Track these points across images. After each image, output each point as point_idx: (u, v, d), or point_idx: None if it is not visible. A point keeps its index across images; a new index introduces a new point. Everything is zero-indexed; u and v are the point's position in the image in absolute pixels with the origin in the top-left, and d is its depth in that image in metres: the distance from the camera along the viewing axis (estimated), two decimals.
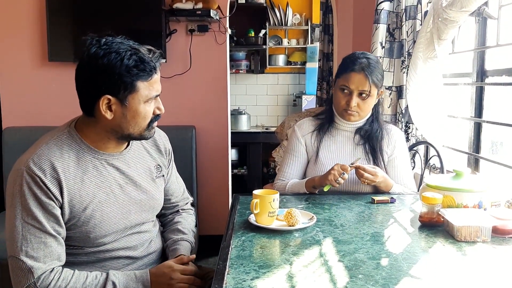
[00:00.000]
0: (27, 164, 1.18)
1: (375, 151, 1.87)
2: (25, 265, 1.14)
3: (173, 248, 1.43)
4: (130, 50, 1.19)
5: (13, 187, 1.18)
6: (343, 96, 1.82)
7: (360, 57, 1.81)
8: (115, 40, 1.22)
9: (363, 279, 1.03)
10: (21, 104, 3.14)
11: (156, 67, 1.23)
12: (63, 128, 1.28)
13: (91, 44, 1.20)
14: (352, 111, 1.82)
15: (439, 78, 2.21)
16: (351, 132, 1.90)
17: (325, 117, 1.94)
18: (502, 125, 2.07)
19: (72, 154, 1.24)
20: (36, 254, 1.16)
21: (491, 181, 1.51)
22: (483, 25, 2.16)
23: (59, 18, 3.01)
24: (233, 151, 4.88)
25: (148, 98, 1.23)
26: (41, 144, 1.23)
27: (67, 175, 1.21)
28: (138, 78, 1.20)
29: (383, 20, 2.41)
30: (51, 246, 1.18)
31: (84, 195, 1.24)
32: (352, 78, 1.78)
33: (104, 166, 1.29)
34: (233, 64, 4.97)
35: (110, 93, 1.19)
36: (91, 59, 1.18)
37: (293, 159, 1.93)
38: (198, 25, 3.16)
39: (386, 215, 1.53)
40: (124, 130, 1.25)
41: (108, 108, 1.21)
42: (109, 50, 1.18)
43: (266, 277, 1.04)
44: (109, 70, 1.17)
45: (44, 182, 1.17)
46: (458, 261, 1.16)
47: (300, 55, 5.18)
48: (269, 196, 1.37)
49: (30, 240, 1.16)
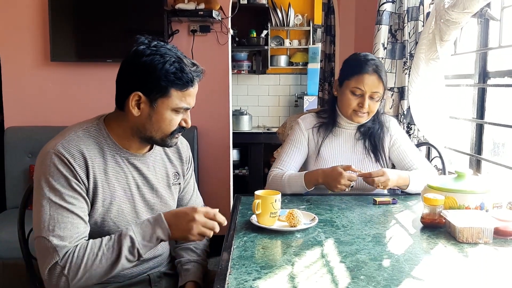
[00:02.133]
0: (56, 147, 1.20)
1: (376, 148, 1.87)
2: (51, 244, 1.14)
3: (186, 268, 1.41)
4: (174, 58, 1.22)
5: (41, 168, 1.20)
6: (354, 98, 1.79)
7: (368, 58, 1.80)
8: (165, 45, 1.26)
9: (365, 280, 1.03)
10: (23, 104, 3.15)
11: (193, 80, 1.25)
12: (92, 121, 1.31)
13: (142, 43, 1.24)
14: (364, 113, 1.81)
15: (441, 80, 2.21)
16: (352, 130, 1.91)
17: (328, 118, 1.92)
18: (504, 126, 2.07)
19: (98, 146, 1.27)
20: (63, 233, 1.16)
21: (493, 182, 1.51)
22: (485, 27, 2.15)
23: (61, 18, 3.02)
24: (235, 152, 4.88)
25: (177, 107, 1.25)
26: (69, 132, 1.25)
27: (94, 163, 1.24)
28: (173, 85, 1.22)
29: (385, 21, 2.41)
30: (78, 227, 1.19)
31: (106, 187, 1.26)
32: (366, 80, 1.76)
33: (125, 164, 1.31)
34: (235, 64, 4.97)
35: (143, 91, 1.22)
36: (137, 55, 1.22)
37: (293, 150, 1.89)
38: (200, 25, 3.17)
39: (388, 216, 1.53)
40: (147, 132, 1.27)
41: (137, 105, 1.24)
42: (155, 52, 1.22)
43: (268, 278, 1.05)
44: (149, 69, 1.21)
45: (72, 164, 1.19)
46: (459, 263, 1.16)
47: (302, 55, 5.18)
48: (271, 197, 1.37)
49: (58, 219, 1.16)
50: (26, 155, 3.00)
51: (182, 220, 1.20)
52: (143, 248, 1.19)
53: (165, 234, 1.20)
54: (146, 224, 1.21)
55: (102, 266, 1.16)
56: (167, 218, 1.21)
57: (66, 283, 1.15)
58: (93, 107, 3.12)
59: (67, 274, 1.14)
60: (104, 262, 1.16)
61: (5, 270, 2.53)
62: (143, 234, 1.19)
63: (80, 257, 1.15)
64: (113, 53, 3.07)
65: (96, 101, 3.14)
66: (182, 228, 1.20)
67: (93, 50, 3.09)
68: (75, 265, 1.14)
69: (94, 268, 1.16)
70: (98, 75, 3.16)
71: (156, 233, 1.19)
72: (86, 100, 3.16)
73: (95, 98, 3.15)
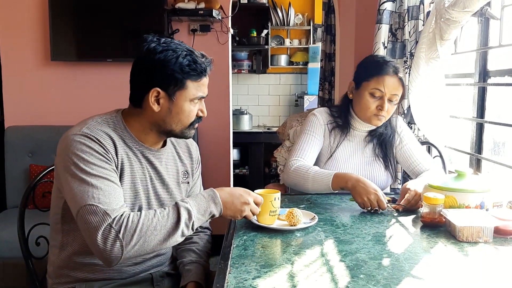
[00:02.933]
0: (82, 131, 1.22)
1: (386, 156, 1.86)
2: (99, 208, 1.12)
3: (188, 268, 1.41)
4: (185, 51, 1.27)
5: (67, 150, 1.19)
6: (373, 101, 1.75)
7: (387, 60, 1.77)
8: (173, 41, 1.30)
9: (365, 279, 1.03)
10: (24, 103, 3.15)
11: (206, 70, 1.30)
12: (110, 113, 1.34)
13: (152, 41, 1.27)
14: (383, 116, 1.76)
15: (441, 79, 2.21)
16: (365, 133, 1.88)
17: (343, 122, 1.85)
18: (504, 125, 2.07)
19: (118, 135, 1.29)
20: (108, 200, 1.15)
21: (493, 181, 1.51)
22: (486, 26, 2.15)
23: (61, 18, 3.02)
24: (235, 151, 4.88)
25: (194, 97, 1.30)
26: (89, 121, 1.27)
27: (120, 146, 1.26)
28: (189, 77, 1.26)
29: (386, 20, 2.40)
30: (120, 194, 1.19)
31: (128, 172, 1.28)
32: (387, 82, 1.72)
33: (140, 156, 1.33)
34: (235, 64, 4.97)
35: (161, 87, 1.26)
36: (149, 53, 1.25)
37: (313, 140, 1.81)
38: (200, 25, 3.17)
39: (387, 215, 1.53)
40: (167, 125, 1.31)
41: (156, 101, 1.27)
42: (167, 47, 1.26)
43: (268, 277, 1.05)
44: (164, 65, 1.24)
45: (101, 142, 1.22)
46: (459, 262, 1.15)
47: (302, 55, 5.18)
48: (270, 195, 1.37)
49: (100, 187, 1.15)
50: (26, 155, 3.00)
51: (237, 201, 1.26)
52: (197, 221, 1.21)
53: (218, 210, 1.24)
54: (201, 198, 1.24)
55: (157, 234, 1.14)
56: (222, 195, 1.25)
57: (120, 249, 1.11)
58: (93, 106, 3.13)
59: (122, 238, 1.11)
60: (159, 229, 1.15)
61: (5, 269, 2.53)
62: (198, 207, 1.21)
63: (136, 221, 1.13)
64: (113, 52, 3.07)
65: (96, 100, 3.14)
66: (235, 208, 1.27)
67: (93, 49, 3.09)
68: (130, 229, 1.12)
69: (149, 234, 1.13)
70: (98, 74, 3.16)
71: (210, 208, 1.23)
72: (86, 99, 3.16)
73: (95, 97, 3.15)
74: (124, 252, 1.11)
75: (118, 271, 1.33)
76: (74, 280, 1.31)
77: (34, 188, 1.56)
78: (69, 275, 1.32)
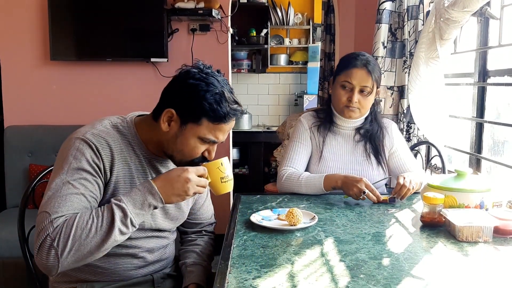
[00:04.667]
0: (86, 134, 1.22)
1: (377, 151, 1.87)
2: (49, 218, 1.10)
3: (190, 270, 1.41)
4: (218, 90, 1.23)
5: (66, 149, 1.20)
6: (344, 93, 1.82)
7: (359, 54, 1.83)
8: (216, 76, 1.26)
9: (365, 279, 1.03)
10: (23, 103, 3.15)
11: (227, 117, 1.24)
12: (122, 118, 1.33)
13: (196, 66, 1.27)
14: (354, 107, 1.81)
15: (441, 78, 2.21)
16: (351, 131, 1.91)
17: (325, 117, 1.93)
18: (504, 125, 2.07)
19: (125, 142, 1.28)
20: (64, 210, 1.12)
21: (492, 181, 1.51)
22: (485, 25, 2.15)
23: (61, 17, 3.02)
24: (235, 151, 4.88)
25: (204, 138, 1.26)
26: (98, 124, 1.27)
27: (119, 157, 1.25)
28: (206, 116, 1.23)
29: (385, 20, 2.41)
30: (81, 205, 1.15)
31: (127, 183, 1.27)
32: (354, 74, 1.78)
33: (147, 164, 1.32)
34: (235, 63, 4.97)
35: (177, 110, 1.24)
36: (185, 75, 1.25)
37: (301, 147, 1.89)
38: (200, 24, 3.16)
39: (387, 215, 1.53)
40: (169, 150, 1.29)
41: (168, 121, 1.26)
42: (203, 78, 1.23)
43: (268, 277, 1.05)
44: (190, 93, 1.22)
45: (99, 152, 1.21)
46: (459, 262, 1.16)
47: (301, 54, 5.18)
48: (216, 161, 1.29)
49: (65, 198, 1.13)
50: (26, 154, 2.99)
51: (176, 184, 1.19)
52: (136, 216, 1.15)
53: (158, 200, 1.18)
54: (136, 192, 1.17)
55: (93, 237, 1.10)
56: (158, 184, 1.18)
57: (56, 258, 1.08)
58: (93, 106, 3.13)
59: (56, 246, 1.08)
60: (94, 231, 1.10)
61: (4, 269, 2.53)
62: (133, 202, 1.15)
63: (70, 226, 1.09)
64: (112, 52, 3.07)
65: (96, 100, 3.14)
66: (178, 192, 1.19)
67: (93, 49, 3.09)
68: (64, 235, 1.09)
69: (83, 238, 1.09)
70: (98, 74, 3.16)
71: (148, 200, 1.16)
72: (86, 99, 3.16)
73: (95, 97, 3.14)
74: (60, 260, 1.08)
75: (120, 275, 1.32)
76: (75, 280, 1.31)
77: (34, 188, 1.56)
78: (70, 275, 1.32)
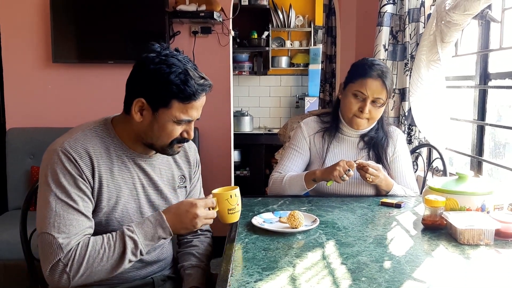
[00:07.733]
0: (63, 145, 1.22)
1: (380, 158, 1.85)
2: (55, 240, 1.15)
3: (189, 273, 1.41)
4: (181, 69, 1.21)
5: (47, 165, 1.21)
6: (355, 102, 1.77)
7: (375, 63, 1.78)
8: (176, 55, 1.24)
9: (366, 281, 1.03)
10: (25, 105, 3.16)
11: (196, 94, 1.23)
12: (100, 121, 1.32)
13: (153, 50, 1.24)
14: (363, 118, 1.78)
15: (442, 81, 2.21)
16: (355, 138, 1.88)
17: (331, 122, 1.89)
18: (505, 128, 2.07)
19: (105, 145, 1.28)
20: (68, 230, 1.16)
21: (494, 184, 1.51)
22: (486, 28, 2.16)
23: (63, 20, 3.03)
24: (236, 153, 4.88)
25: (179, 119, 1.25)
26: (76, 132, 1.27)
27: (100, 162, 1.25)
28: (175, 97, 1.21)
29: (386, 23, 2.41)
30: (83, 224, 1.19)
31: (111, 186, 1.27)
32: (369, 84, 1.73)
33: (131, 164, 1.32)
34: (236, 65, 4.98)
35: (146, 98, 1.23)
36: (145, 62, 1.23)
37: (295, 154, 1.89)
38: (201, 27, 3.17)
39: (389, 218, 1.53)
40: (148, 139, 1.28)
41: (140, 111, 1.25)
42: (163, 61, 1.21)
43: (270, 279, 1.05)
44: (154, 78, 1.21)
45: (78, 162, 1.21)
46: (461, 264, 1.16)
47: (303, 57, 5.18)
48: (225, 194, 1.30)
49: (63, 216, 1.17)
50: (28, 157, 3.00)
51: (185, 219, 1.23)
52: (145, 247, 1.22)
53: (167, 233, 1.23)
54: (148, 224, 1.22)
55: (104, 265, 1.18)
56: (169, 218, 1.23)
57: (67, 281, 1.15)
58: (95, 108, 3.14)
59: (69, 272, 1.15)
60: (105, 261, 1.17)
61: (6, 271, 2.54)
62: (145, 234, 1.21)
63: (82, 254, 1.16)
64: (114, 54, 3.07)
65: (97, 102, 3.14)
66: (186, 226, 1.24)
67: (95, 51, 3.10)
68: (77, 263, 1.15)
69: (95, 266, 1.17)
70: (100, 76, 3.17)
71: (158, 233, 1.22)
72: (88, 101, 3.17)
73: (97, 99, 3.15)
74: (72, 282, 1.16)
75: (120, 278, 1.32)
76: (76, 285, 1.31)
77: (36, 190, 1.56)
78: None
